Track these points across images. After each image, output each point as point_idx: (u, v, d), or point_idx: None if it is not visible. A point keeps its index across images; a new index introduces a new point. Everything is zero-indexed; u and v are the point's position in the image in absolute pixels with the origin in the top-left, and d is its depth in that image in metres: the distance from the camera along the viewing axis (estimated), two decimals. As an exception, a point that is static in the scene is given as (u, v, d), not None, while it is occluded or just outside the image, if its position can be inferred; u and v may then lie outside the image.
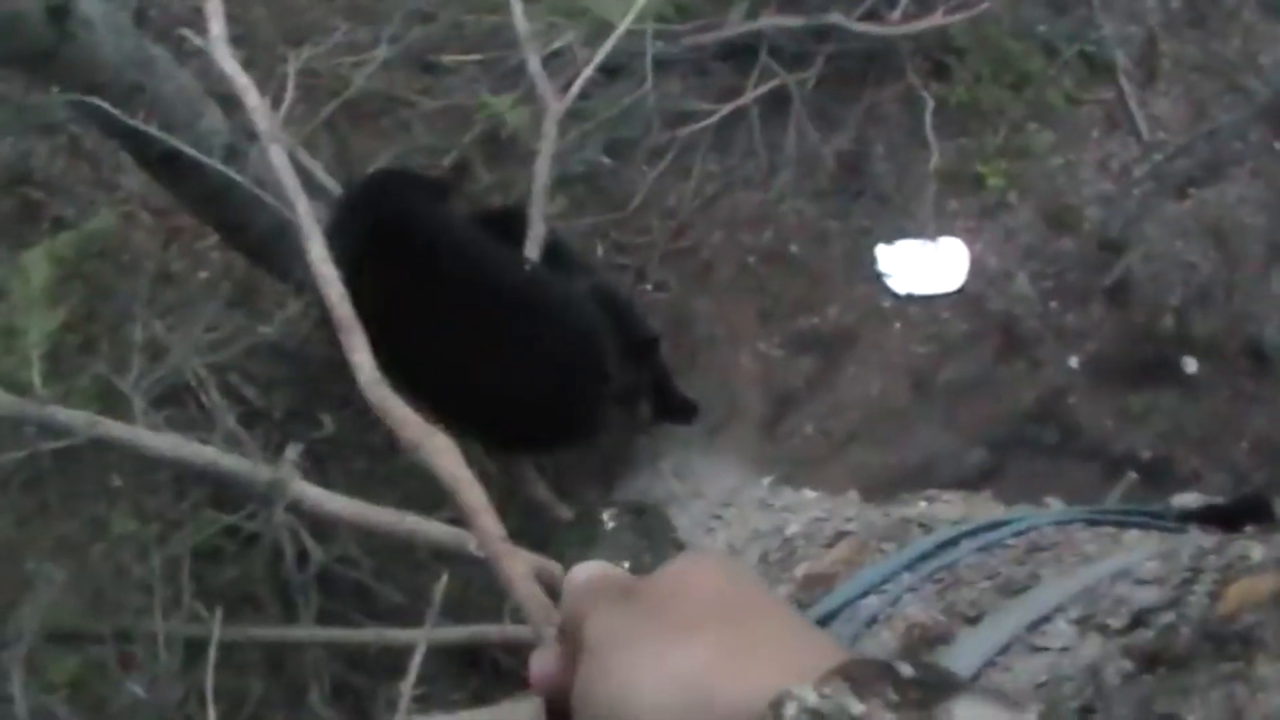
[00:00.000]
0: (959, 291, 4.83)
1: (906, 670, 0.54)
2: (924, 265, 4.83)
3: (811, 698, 0.53)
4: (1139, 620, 1.00)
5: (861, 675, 0.54)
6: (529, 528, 3.34)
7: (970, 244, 4.88)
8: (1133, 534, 1.33)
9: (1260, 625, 0.86)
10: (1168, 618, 0.98)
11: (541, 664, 0.72)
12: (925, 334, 4.80)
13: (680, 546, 2.73)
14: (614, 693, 0.60)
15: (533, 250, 3.62)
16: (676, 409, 3.98)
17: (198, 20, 3.39)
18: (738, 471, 4.16)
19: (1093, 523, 1.43)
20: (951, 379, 4.74)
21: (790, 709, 0.53)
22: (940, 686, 0.53)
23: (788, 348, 4.80)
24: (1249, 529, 1.19)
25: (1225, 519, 1.29)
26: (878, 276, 4.88)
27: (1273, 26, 5.13)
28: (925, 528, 1.59)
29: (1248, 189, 4.93)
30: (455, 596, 3.01)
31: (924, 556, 1.42)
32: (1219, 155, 4.96)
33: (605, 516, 3.60)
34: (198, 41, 3.31)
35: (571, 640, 0.68)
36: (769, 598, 0.66)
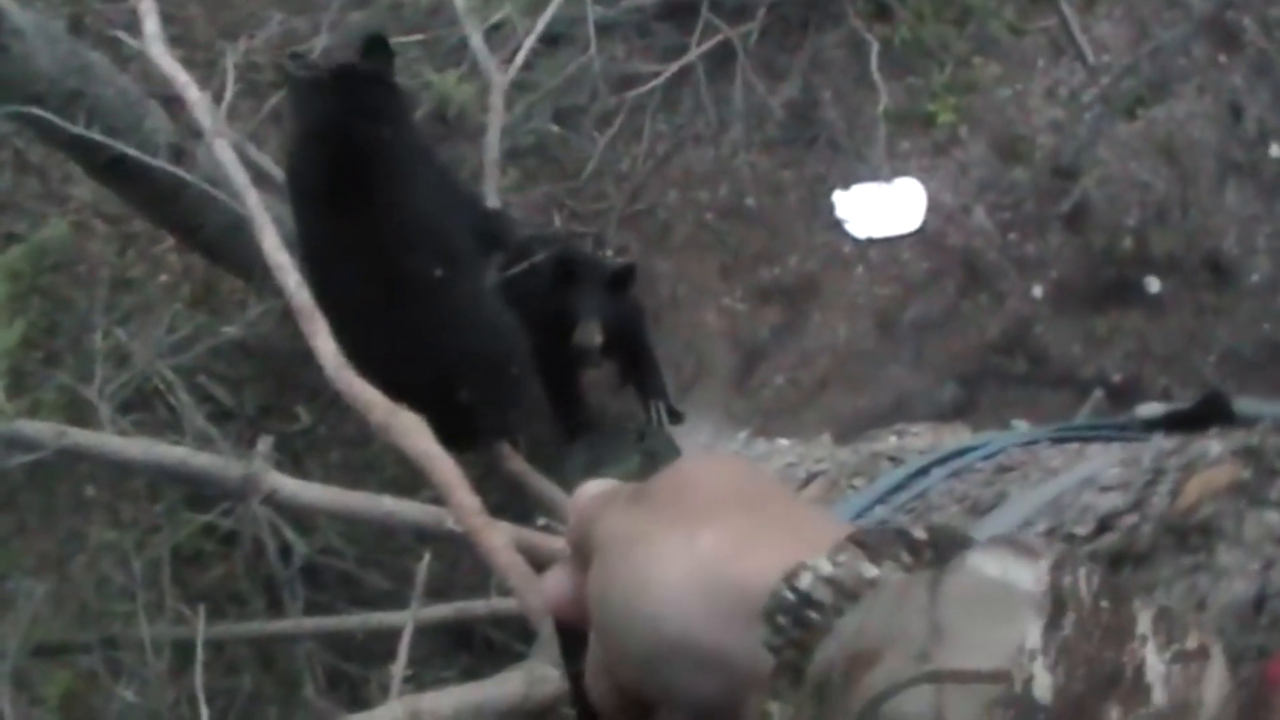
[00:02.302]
0: (918, 230, 4.83)
1: (919, 533, 0.54)
2: (881, 207, 4.84)
3: (826, 567, 0.53)
4: (1104, 525, 1.01)
5: (874, 541, 0.54)
6: (510, 502, 3.34)
7: (926, 182, 4.88)
8: (1096, 446, 1.34)
9: (1219, 515, 0.87)
10: (1132, 519, 0.98)
11: (555, 582, 0.71)
12: (888, 275, 4.81)
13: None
14: (631, 584, 0.60)
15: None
16: (667, 410, 4.07)
17: (133, 23, 3.37)
18: (711, 428, 4.18)
19: (1059, 440, 1.43)
20: (917, 318, 4.76)
21: (805, 579, 0.53)
22: (953, 543, 0.53)
23: (752, 301, 4.81)
24: (1211, 430, 1.20)
25: (1188, 423, 1.29)
26: (836, 223, 4.88)
27: (1207, -60, 5.15)
28: (896, 461, 1.59)
29: (1195, 105, 4.94)
30: (441, 576, 3.02)
31: (896, 488, 1.43)
32: (1164, 73, 4.97)
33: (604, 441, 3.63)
34: (134, 43, 3.29)
35: (582, 554, 0.68)
36: (781, 487, 0.66)
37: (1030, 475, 1.27)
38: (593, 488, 0.72)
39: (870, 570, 0.53)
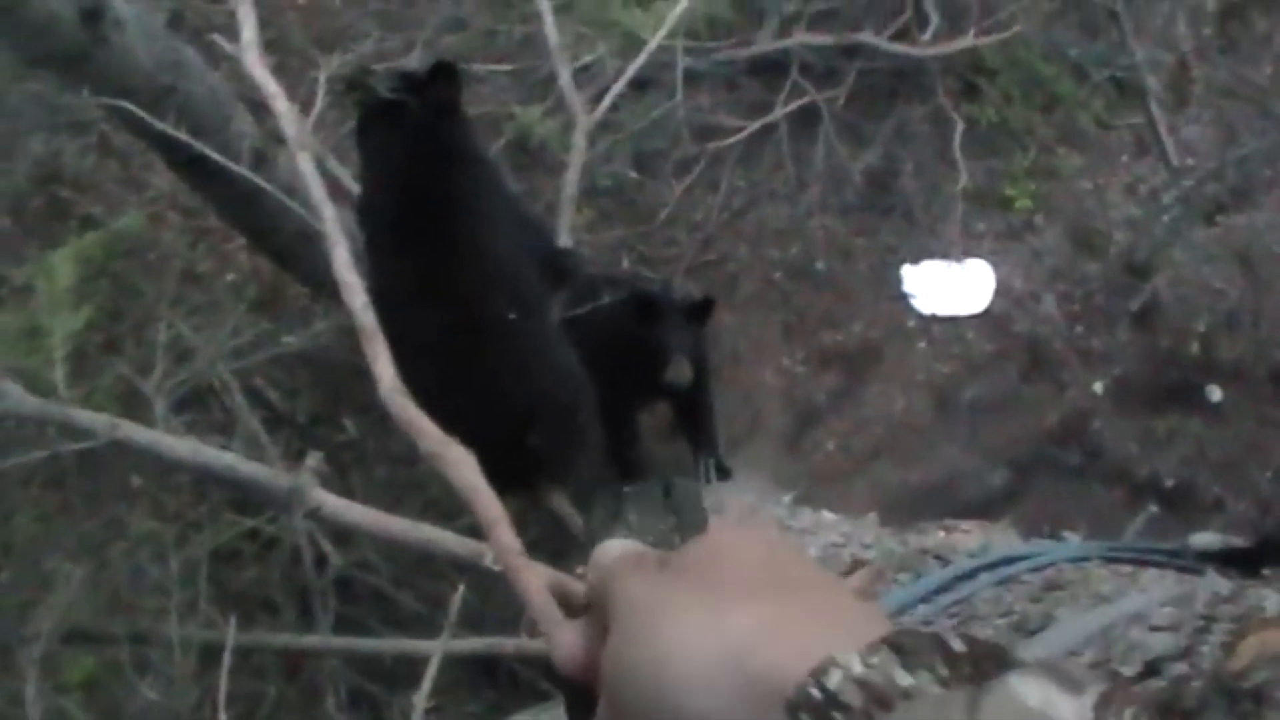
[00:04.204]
0: (984, 312, 4.82)
1: (957, 644, 0.52)
2: (949, 285, 4.83)
3: (857, 667, 0.52)
4: (1152, 668, 0.99)
5: (911, 646, 0.53)
6: (548, 539, 3.34)
7: (996, 265, 4.87)
8: (1149, 574, 1.32)
9: (1272, 682, 0.86)
10: (1180, 667, 0.97)
11: (569, 639, 0.71)
12: (949, 353, 4.79)
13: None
14: (654, 658, 0.59)
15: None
16: (716, 465, 4.07)
17: (231, 24, 3.40)
18: (758, 488, 4.16)
19: (1110, 560, 1.42)
20: (975, 399, 4.74)
21: (835, 677, 0.51)
22: (993, 660, 0.52)
23: (811, 363, 4.80)
24: (1266, 572, 1.19)
25: (1243, 561, 1.28)
26: (903, 295, 4.88)
27: (1305, 53, 5.12)
28: (942, 559, 1.58)
29: (1276, 216, 4.91)
30: (473, 606, 3.02)
31: (941, 589, 1.42)
32: (1248, 182, 4.95)
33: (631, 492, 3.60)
34: (229, 48, 3.32)
35: (599, 615, 0.67)
36: (816, 569, 0.65)
37: (1080, 598, 1.25)
38: (615, 547, 0.71)
39: (905, 678, 0.52)
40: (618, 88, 3.83)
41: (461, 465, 2.49)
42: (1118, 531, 4.03)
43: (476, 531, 2.66)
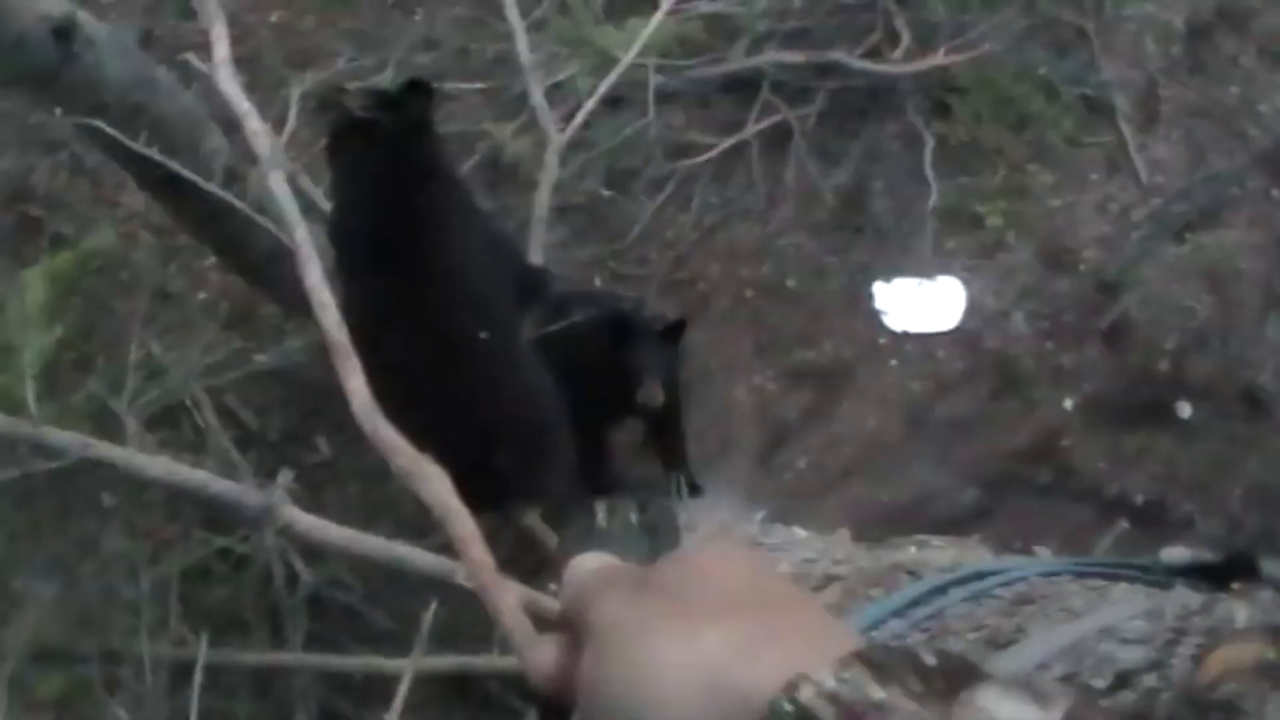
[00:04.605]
0: (955, 329, 4.83)
1: (929, 658, 0.53)
2: (921, 302, 4.84)
3: (830, 682, 0.52)
4: (1123, 680, 1.00)
5: (883, 661, 0.53)
6: (521, 557, 3.34)
7: (968, 282, 4.88)
8: (1120, 588, 1.33)
9: (1242, 694, 0.86)
10: (1151, 680, 0.98)
11: (543, 655, 0.70)
12: (921, 371, 4.80)
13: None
14: (629, 676, 0.59)
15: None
16: (688, 482, 4.11)
17: (204, 42, 3.40)
18: (730, 506, 4.16)
19: (1080, 575, 1.43)
20: (946, 417, 4.75)
21: (807, 692, 0.52)
22: (964, 675, 0.52)
23: (783, 381, 4.80)
24: (1236, 586, 1.19)
25: (1212, 575, 1.29)
26: (875, 313, 4.88)
27: (1272, 74, 5.15)
28: (914, 574, 1.58)
29: (1245, 235, 4.94)
30: (445, 624, 3.01)
31: (913, 603, 1.42)
32: (1217, 201, 4.98)
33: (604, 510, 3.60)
34: (202, 67, 3.32)
35: (574, 631, 0.67)
36: (790, 586, 0.65)
37: (1051, 612, 1.26)
38: (589, 562, 0.71)
39: (877, 693, 0.52)
40: (590, 106, 3.85)
41: (434, 482, 2.49)
42: (1088, 549, 4.05)
43: (448, 550, 2.66)
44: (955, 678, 0.52)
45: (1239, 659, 0.91)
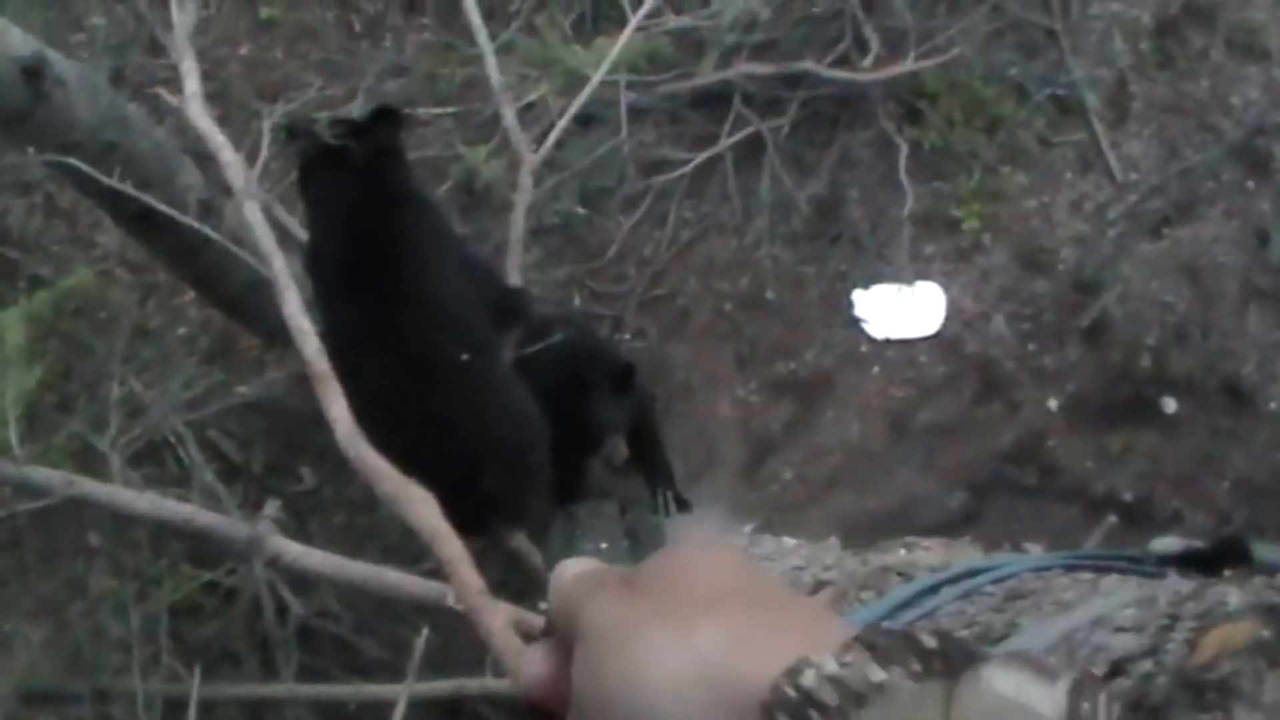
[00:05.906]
0: (936, 335, 4.84)
1: (929, 640, 0.52)
2: (901, 309, 4.84)
3: (831, 665, 0.52)
4: (1117, 669, 1.00)
5: (883, 644, 0.52)
6: (509, 578, 3.33)
7: (946, 287, 4.89)
8: (1111, 579, 1.33)
9: (1237, 674, 0.86)
10: (1145, 666, 0.97)
11: (533, 662, 0.70)
12: (903, 377, 4.81)
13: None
14: (624, 678, 0.58)
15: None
16: (674, 498, 4.11)
17: (174, 78, 3.39)
18: (718, 519, 4.16)
19: (1071, 568, 1.42)
20: (930, 422, 4.75)
21: (808, 676, 0.51)
22: (965, 655, 0.52)
23: (765, 393, 4.81)
24: (1227, 572, 1.19)
25: (1204, 562, 1.28)
26: (855, 321, 4.89)
27: (1241, 66, 5.17)
28: (905, 576, 1.58)
29: (1222, 228, 4.95)
30: (437, 649, 3.01)
31: (904, 605, 1.42)
32: (1192, 195, 4.99)
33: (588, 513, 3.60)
34: (173, 101, 3.31)
35: (563, 636, 0.67)
36: (782, 583, 0.64)
37: (1043, 606, 1.26)
38: (576, 566, 0.70)
39: (878, 674, 0.51)
40: (562, 125, 3.85)
41: (421, 506, 2.49)
42: (1078, 548, 4.05)
43: (437, 576, 2.65)
44: (956, 658, 0.52)
45: (1233, 639, 0.91)
